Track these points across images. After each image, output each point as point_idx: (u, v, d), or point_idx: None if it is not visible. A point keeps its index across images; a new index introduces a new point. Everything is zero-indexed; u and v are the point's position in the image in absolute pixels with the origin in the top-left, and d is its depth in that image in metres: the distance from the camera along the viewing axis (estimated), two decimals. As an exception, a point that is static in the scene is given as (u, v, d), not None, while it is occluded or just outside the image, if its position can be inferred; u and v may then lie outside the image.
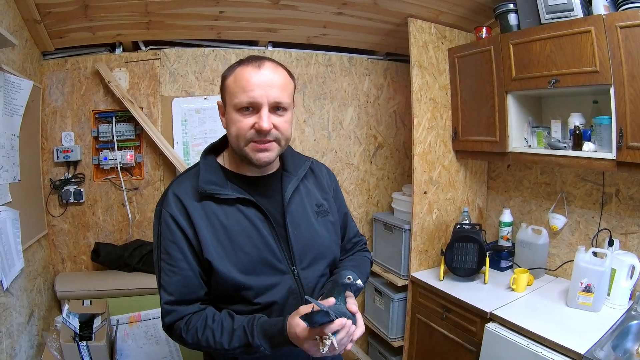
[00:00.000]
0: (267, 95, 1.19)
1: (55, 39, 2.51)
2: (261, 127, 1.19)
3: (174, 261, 1.23)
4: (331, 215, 1.46)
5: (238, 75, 1.22)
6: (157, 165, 2.84)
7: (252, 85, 1.18)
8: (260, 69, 1.21)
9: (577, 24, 2.05)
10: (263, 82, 1.19)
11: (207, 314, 1.24)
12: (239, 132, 1.22)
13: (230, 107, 1.23)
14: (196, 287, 1.25)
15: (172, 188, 1.29)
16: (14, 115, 2.08)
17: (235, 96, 1.20)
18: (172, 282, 1.23)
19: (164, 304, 1.24)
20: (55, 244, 2.72)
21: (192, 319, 1.24)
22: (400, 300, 2.99)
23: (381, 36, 3.08)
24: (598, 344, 1.80)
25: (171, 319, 1.24)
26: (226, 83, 1.25)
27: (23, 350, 2.06)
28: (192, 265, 1.24)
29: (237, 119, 1.21)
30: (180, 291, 1.24)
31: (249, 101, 1.19)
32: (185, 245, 1.23)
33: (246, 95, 1.18)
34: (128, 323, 2.52)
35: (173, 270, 1.23)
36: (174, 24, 2.60)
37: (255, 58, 1.25)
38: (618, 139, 1.93)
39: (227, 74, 1.26)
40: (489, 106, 2.55)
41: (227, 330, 1.19)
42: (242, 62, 1.24)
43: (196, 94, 2.88)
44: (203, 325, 1.21)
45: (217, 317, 1.23)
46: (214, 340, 1.19)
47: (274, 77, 1.22)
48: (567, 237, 2.61)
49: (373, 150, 3.48)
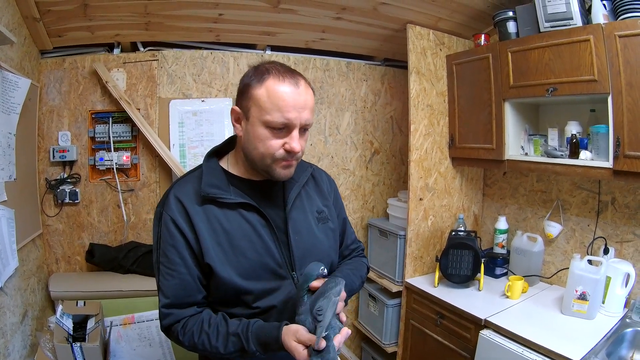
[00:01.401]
0: (300, 117, 1.18)
1: (54, 37, 2.50)
2: (293, 148, 1.19)
3: (172, 265, 1.23)
4: (331, 222, 1.46)
5: (272, 90, 1.16)
6: (153, 167, 2.83)
7: (289, 106, 1.16)
8: (298, 89, 1.18)
9: (576, 32, 2.06)
10: (299, 103, 1.18)
11: (204, 318, 1.23)
12: (267, 150, 1.20)
13: (258, 121, 1.19)
14: (193, 291, 1.25)
15: (174, 190, 1.28)
16: (10, 114, 2.07)
17: (269, 113, 1.16)
18: (169, 285, 1.23)
19: (161, 307, 1.24)
20: (50, 244, 2.70)
21: (189, 322, 1.23)
22: (394, 306, 2.99)
23: (379, 42, 3.09)
24: (593, 351, 1.81)
25: (168, 322, 1.24)
26: (255, 94, 1.19)
27: (16, 350, 2.04)
28: (190, 269, 1.23)
29: (267, 136, 1.19)
30: (177, 294, 1.23)
31: (284, 122, 1.17)
32: (185, 249, 1.22)
33: (282, 116, 1.16)
34: (122, 325, 2.50)
35: (171, 274, 1.23)
36: (173, 25, 2.60)
37: (289, 72, 1.21)
38: (615, 147, 1.94)
39: (255, 83, 1.20)
40: (486, 113, 2.56)
41: (223, 335, 1.19)
42: (273, 73, 1.19)
43: (193, 97, 2.87)
44: (199, 330, 1.21)
45: (213, 322, 1.22)
46: (209, 344, 1.19)
47: (307, 98, 1.21)
48: (563, 245, 2.62)
49: (369, 156, 3.49)
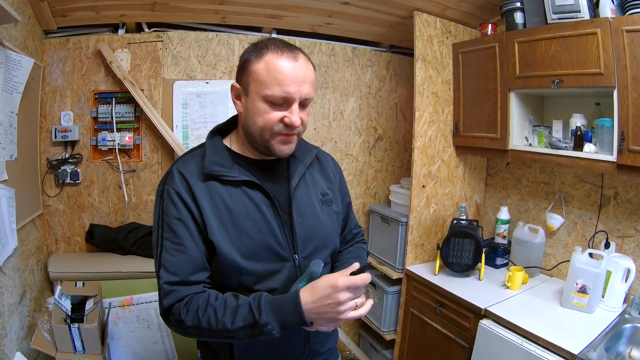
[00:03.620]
0: (300, 91, 1.18)
1: (58, 17, 2.48)
2: (293, 122, 1.19)
3: (179, 239, 1.18)
4: (335, 205, 1.45)
5: (271, 64, 1.16)
6: (155, 148, 2.82)
7: (288, 80, 1.16)
8: (297, 62, 1.18)
9: (583, 25, 2.04)
10: (298, 77, 1.17)
11: (210, 293, 1.18)
12: (266, 124, 1.19)
13: (258, 96, 1.18)
14: (200, 267, 1.21)
15: (177, 166, 1.26)
16: (13, 93, 2.05)
17: (267, 87, 1.16)
18: (177, 261, 1.18)
19: (165, 283, 1.17)
20: (50, 224, 2.71)
21: (194, 299, 1.16)
22: (394, 294, 3.00)
23: (386, 28, 3.06)
24: (591, 345, 1.82)
25: (171, 300, 1.17)
26: (254, 68, 1.19)
27: (13, 330, 2.05)
28: (198, 244, 1.20)
29: (265, 110, 1.18)
30: (185, 271, 1.18)
31: (283, 96, 1.16)
32: (192, 223, 1.19)
33: (281, 90, 1.16)
34: (120, 306, 2.51)
35: (178, 249, 1.18)
36: (179, 6, 2.56)
37: (287, 47, 1.21)
38: (619, 141, 1.93)
39: (254, 58, 1.19)
40: (491, 103, 2.54)
41: (231, 308, 1.13)
42: (272, 48, 1.19)
43: (198, 78, 2.85)
44: (205, 304, 1.14)
45: (220, 297, 1.17)
46: (215, 319, 1.12)
47: (307, 72, 1.20)
48: (564, 238, 2.62)
49: (373, 142, 3.47)
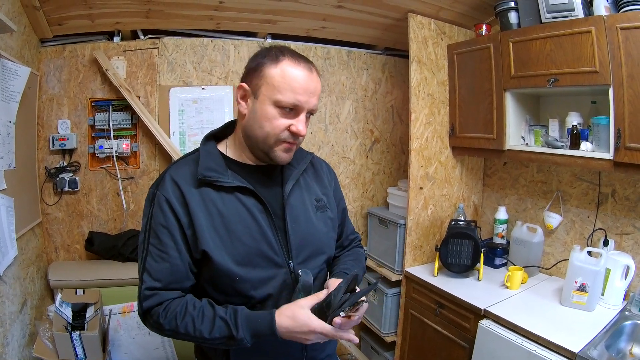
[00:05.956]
0: (309, 102, 1.21)
1: (54, 26, 2.48)
2: (299, 131, 1.21)
3: (164, 247, 1.19)
4: (330, 211, 1.44)
5: (287, 71, 1.18)
6: (153, 154, 2.82)
7: (301, 89, 1.18)
8: (312, 74, 1.21)
9: (577, 24, 2.05)
10: (310, 88, 1.20)
11: (188, 301, 1.19)
12: (273, 129, 1.20)
13: (268, 100, 1.19)
14: (183, 277, 1.22)
15: (170, 172, 1.25)
16: (10, 102, 2.06)
17: (280, 92, 1.17)
18: (159, 268, 1.19)
19: (146, 289, 1.19)
20: (49, 232, 2.71)
21: (172, 304, 1.19)
22: (393, 296, 2.99)
23: (380, 31, 3.08)
24: (592, 343, 1.82)
25: (150, 303, 1.19)
26: (269, 72, 1.19)
27: (15, 339, 2.05)
28: (182, 254, 1.20)
29: (275, 115, 1.20)
30: (167, 279, 1.19)
31: (295, 103, 1.18)
32: (178, 232, 1.19)
33: (294, 97, 1.17)
34: (121, 313, 2.50)
35: (162, 257, 1.19)
36: (174, 13, 2.58)
37: (302, 57, 1.23)
38: (616, 139, 1.94)
39: (270, 63, 1.20)
40: (487, 103, 2.55)
41: (209, 318, 1.15)
42: (288, 56, 1.20)
43: (194, 84, 2.86)
44: (183, 312, 1.16)
45: (198, 305, 1.18)
46: (193, 327, 1.15)
47: (317, 85, 1.23)
48: (562, 236, 2.62)
49: (369, 145, 3.48)
